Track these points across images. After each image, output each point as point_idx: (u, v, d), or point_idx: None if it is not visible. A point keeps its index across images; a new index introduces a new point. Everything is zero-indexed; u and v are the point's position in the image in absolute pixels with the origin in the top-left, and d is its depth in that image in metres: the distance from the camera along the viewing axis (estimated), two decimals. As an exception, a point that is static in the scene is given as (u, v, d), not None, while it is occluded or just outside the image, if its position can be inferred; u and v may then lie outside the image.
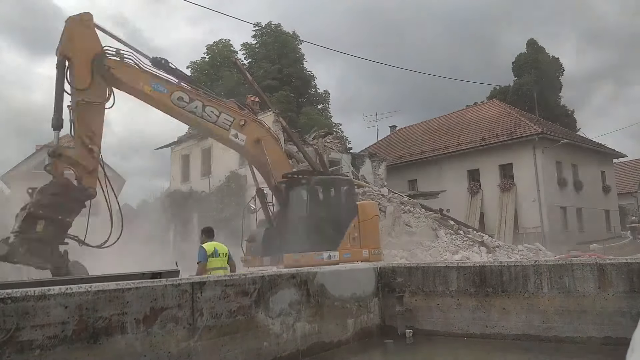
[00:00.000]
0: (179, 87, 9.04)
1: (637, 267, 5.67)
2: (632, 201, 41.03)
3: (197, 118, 9.21)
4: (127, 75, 8.43)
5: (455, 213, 24.26)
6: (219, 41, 40.32)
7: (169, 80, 8.97)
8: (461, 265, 6.74)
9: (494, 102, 34.16)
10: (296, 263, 9.01)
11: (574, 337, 5.84)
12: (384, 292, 7.09)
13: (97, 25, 8.43)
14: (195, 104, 9.04)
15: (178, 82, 9.10)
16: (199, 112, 9.10)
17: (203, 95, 9.40)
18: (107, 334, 3.84)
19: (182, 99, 8.91)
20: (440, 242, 17.59)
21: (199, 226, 26.33)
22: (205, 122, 9.34)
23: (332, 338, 6.07)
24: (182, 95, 8.93)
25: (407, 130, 37.04)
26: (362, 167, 26.44)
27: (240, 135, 9.60)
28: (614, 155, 33.18)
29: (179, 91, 8.95)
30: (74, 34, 8.02)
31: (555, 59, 44.71)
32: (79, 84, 7.87)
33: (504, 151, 26.67)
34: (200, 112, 9.12)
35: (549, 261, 6.73)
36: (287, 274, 5.77)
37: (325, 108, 42.02)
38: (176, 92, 8.88)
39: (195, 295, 4.57)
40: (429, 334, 6.63)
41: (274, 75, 36.74)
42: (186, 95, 8.99)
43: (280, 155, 10.35)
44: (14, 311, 3.39)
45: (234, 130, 9.51)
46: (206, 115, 9.20)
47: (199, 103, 9.11)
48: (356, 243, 9.96)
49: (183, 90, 9.05)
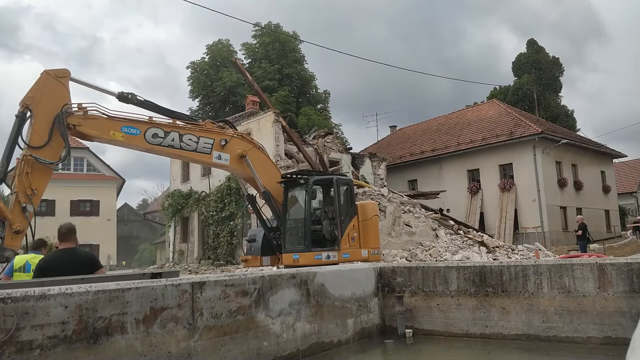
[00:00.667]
0: (151, 122, 8.62)
1: (637, 267, 5.67)
2: (632, 201, 41.06)
3: (177, 150, 8.84)
4: (95, 128, 8.02)
5: (455, 213, 24.28)
6: (218, 41, 40.36)
7: (138, 119, 8.54)
8: (461, 265, 6.74)
9: (494, 102, 34.16)
10: (295, 263, 9.02)
11: (574, 337, 5.84)
12: (384, 292, 7.10)
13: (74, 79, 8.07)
14: (171, 136, 8.68)
15: (149, 118, 8.67)
16: (177, 144, 8.74)
17: (178, 124, 9.03)
18: (107, 334, 3.84)
19: (156, 135, 8.54)
20: (440, 242, 17.59)
21: (198, 226, 26.42)
22: (186, 152, 9.00)
23: (332, 338, 6.08)
24: (156, 131, 8.55)
25: (407, 130, 37.04)
26: (362, 167, 26.46)
27: (223, 155, 9.31)
28: (614, 155, 33.20)
29: (152, 128, 8.55)
30: (45, 86, 7.61)
31: (555, 59, 44.75)
32: (34, 140, 7.37)
33: (504, 151, 26.68)
34: (179, 144, 8.76)
35: (549, 261, 6.73)
36: (287, 274, 5.78)
37: (325, 108, 42.05)
38: (149, 130, 8.49)
39: (195, 295, 4.57)
40: (429, 334, 6.64)
41: (274, 76, 36.77)
42: (160, 130, 8.61)
43: (266, 163, 10.20)
44: (14, 311, 3.39)
45: (217, 152, 9.20)
46: (185, 144, 8.84)
47: (175, 134, 8.75)
48: (355, 243, 9.96)
49: (156, 125, 8.64)
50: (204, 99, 39.17)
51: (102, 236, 35.11)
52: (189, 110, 41.17)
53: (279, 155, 21.42)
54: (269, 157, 10.59)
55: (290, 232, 10.00)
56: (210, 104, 38.89)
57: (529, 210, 25.53)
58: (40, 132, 7.45)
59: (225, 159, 9.38)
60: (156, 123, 8.67)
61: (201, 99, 39.47)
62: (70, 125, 7.69)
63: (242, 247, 11.96)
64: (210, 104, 38.89)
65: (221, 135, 9.39)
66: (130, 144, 8.51)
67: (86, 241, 34.53)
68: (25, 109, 7.46)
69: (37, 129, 7.45)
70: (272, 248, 10.03)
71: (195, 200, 26.12)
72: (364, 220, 10.22)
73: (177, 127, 8.92)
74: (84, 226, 34.61)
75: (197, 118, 10.86)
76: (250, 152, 9.70)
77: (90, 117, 7.96)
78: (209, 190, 25.03)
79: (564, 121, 40.36)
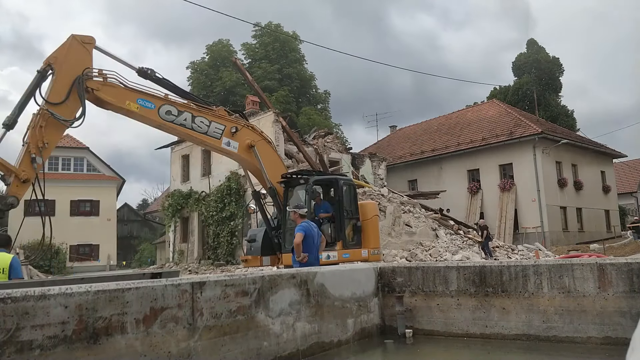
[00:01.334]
0: (166, 100, 8.79)
1: (637, 267, 5.67)
2: (632, 201, 41.06)
3: (188, 130, 8.97)
4: (112, 95, 8.22)
5: (455, 213, 24.29)
6: (218, 41, 40.36)
7: (154, 94, 8.72)
8: (461, 265, 6.74)
9: (494, 102, 34.18)
10: None
11: (574, 337, 5.84)
12: (384, 292, 7.10)
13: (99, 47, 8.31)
14: (184, 116, 8.81)
15: (165, 95, 8.84)
16: (188, 124, 8.87)
17: (191, 105, 9.17)
18: (107, 334, 3.84)
19: (170, 112, 8.68)
20: (440, 242, 17.59)
21: (198, 226, 26.42)
22: (197, 133, 9.11)
23: (332, 338, 6.07)
24: (170, 108, 8.69)
25: (407, 130, 37.06)
26: (362, 167, 26.46)
27: (232, 142, 9.41)
28: (614, 155, 33.21)
29: (166, 104, 8.71)
30: (70, 49, 7.91)
31: (555, 59, 44.76)
32: (53, 97, 7.66)
33: (504, 151, 26.70)
34: (190, 124, 8.89)
35: (549, 261, 6.73)
36: (287, 273, 5.77)
37: (325, 108, 42.06)
38: (164, 106, 8.64)
39: (195, 295, 4.57)
40: (429, 334, 6.63)
41: (274, 75, 36.78)
42: (174, 108, 8.75)
43: (274, 158, 10.25)
44: (14, 311, 3.39)
45: (226, 139, 9.30)
46: (196, 126, 8.96)
47: (188, 115, 8.88)
48: (356, 243, 9.96)
49: (170, 102, 8.79)
50: (204, 99, 39.15)
51: (102, 236, 35.13)
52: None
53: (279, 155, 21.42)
54: (276, 152, 10.66)
55: (290, 232, 10.00)
56: (210, 104, 38.89)
57: (529, 210, 25.54)
58: (60, 91, 7.71)
59: (234, 147, 9.48)
60: (171, 101, 8.84)
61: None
62: (89, 88, 7.93)
63: (242, 247, 11.96)
64: (210, 104, 38.89)
65: (232, 123, 9.51)
66: (144, 117, 8.66)
67: (86, 241, 34.61)
68: (48, 67, 7.74)
69: (57, 87, 7.71)
70: (272, 248, 10.04)
71: (195, 200, 26.12)
72: (363, 220, 10.23)
73: (190, 108, 9.08)
74: (84, 226, 34.80)
75: (211, 103, 11.01)
76: (259, 143, 9.77)
77: (108, 84, 8.21)
78: (209, 190, 25.03)
79: (563, 121, 40.38)
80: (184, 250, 27.38)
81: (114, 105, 8.36)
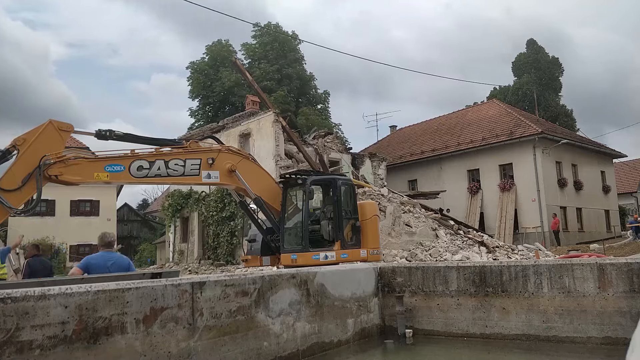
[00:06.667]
0: (134, 156, 8.33)
1: (637, 267, 5.67)
2: (632, 201, 41.07)
3: (165, 178, 8.68)
4: (77, 174, 7.77)
5: (455, 213, 24.28)
6: (218, 41, 40.35)
7: (120, 155, 8.25)
8: (461, 265, 6.74)
9: (494, 102, 34.17)
10: (293, 263, 9.00)
11: (574, 337, 5.84)
12: (384, 292, 7.10)
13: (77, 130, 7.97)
14: (157, 165, 8.44)
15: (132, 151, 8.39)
16: (163, 172, 8.52)
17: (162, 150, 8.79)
18: (107, 334, 3.84)
19: (141, 167, 8.27)
20: (440, 242, 17.59)
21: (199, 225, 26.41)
22: (174, 177, 8.79)
23: (332, 338, 6.07)
24: (140, 163, 8.27)
25: (407, 130, 37.05)
26: (362, 167, 26.46)
27: (212, 173, 9.07)
28: (614, 155, 33.21)
29: (135, 161, 8.27)
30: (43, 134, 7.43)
31: (555, 59, 44.76)
32: (6, 182, 7.05)
33: (504, 151, 26.68)
34: (165, 171, 8.55)
35: (549, 261, 6.73)
36: (287, 274, 5.77)
37: (324, 108, 42.04)
38: (134, 163, 8.22)
39: (195, 295, 4.57)
40: (429, 334, 6.64)
41: (273, 76, 36.77)
42: (145, 162, 8.33)
43: (258, 173, 10.04)
44: (14, 311, 3.39)
45: (205, 171, 8.98)
46: (172, 170, 8.62)
47: (160, 162, 8.49)
48: (355, 243, 9.95)
49: (139, 157, 8.35)
50: (204, 99, 39.17)
51: (102, 236, 35.05)
52: (189, 110, 41.25)
53: (279, 155, 21.41)
54: (259, 165, 10.40)
55: (288, 232, 10.00)
56: (210, 104, 38.90)
57: (529, 210, 25.54)
58: (16, 176, 7.14)
59: (215, 177, 9.16)
60: (139, 155, 8.37)
61: (201, 99, 39.48)
62: (52, 176, 7.41)
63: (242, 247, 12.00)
64: (210, 104, 38.90)
65: (207, 154, 9.12)
66: (117, 181, 8.32)
67: (86, 241, 34.54)
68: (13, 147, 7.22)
69: (14, 170, 7.15)
70: (271, 248, 10.04)
71: (195, 200, 26.12)
72: (363, 220, 10.22)
73: (161, 154, 8.65)
74: (84, 226, 34.79)
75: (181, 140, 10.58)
76: (239, 164, 9.53)
77: (71, 164, 7.69)
78: (209, 190, 25.02)
79: (563, 121, 40.38)
80: (184, 250, 27.38)
81: (84, 181, 7.95)
